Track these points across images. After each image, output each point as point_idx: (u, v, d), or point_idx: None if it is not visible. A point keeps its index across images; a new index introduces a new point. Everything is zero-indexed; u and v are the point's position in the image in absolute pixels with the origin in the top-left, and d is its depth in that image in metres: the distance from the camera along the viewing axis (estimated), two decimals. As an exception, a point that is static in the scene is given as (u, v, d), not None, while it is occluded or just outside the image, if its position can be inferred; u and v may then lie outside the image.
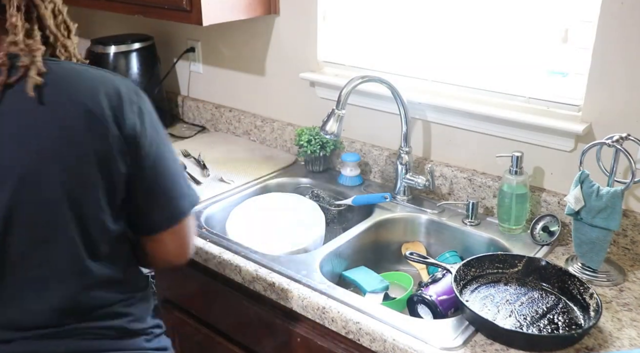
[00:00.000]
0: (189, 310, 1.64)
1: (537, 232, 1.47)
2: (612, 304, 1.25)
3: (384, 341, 1.16)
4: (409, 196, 1.69)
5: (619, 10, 1.32)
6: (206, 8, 1.72)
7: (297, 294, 1.30)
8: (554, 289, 1.27)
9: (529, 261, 1.32)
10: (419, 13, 1.69)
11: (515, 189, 1.48)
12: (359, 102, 1.79)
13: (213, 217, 1.65)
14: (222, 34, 2.13)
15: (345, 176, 1.81)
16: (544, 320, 1.18)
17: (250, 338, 1.49)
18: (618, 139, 1.29)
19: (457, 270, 1.27)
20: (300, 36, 1.91)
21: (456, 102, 1.60)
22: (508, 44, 1.55)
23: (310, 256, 1.43)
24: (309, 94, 1.94)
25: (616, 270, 1.35)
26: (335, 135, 1.52)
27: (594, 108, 1.42)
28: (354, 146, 1.86)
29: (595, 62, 1.38)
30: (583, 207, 1.30)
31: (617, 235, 1.42)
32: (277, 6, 1.93)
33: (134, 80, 2.19)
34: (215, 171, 1.87)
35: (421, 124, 1.72)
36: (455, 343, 1.13)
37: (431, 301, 1.25)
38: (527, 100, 1.51)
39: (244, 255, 1.43)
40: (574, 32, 1.45)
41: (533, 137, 1.51)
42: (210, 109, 2.27)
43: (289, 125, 2.02)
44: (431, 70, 1.68)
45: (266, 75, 2.07)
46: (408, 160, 1.67)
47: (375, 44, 1.80)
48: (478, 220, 1.57)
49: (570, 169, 1.45)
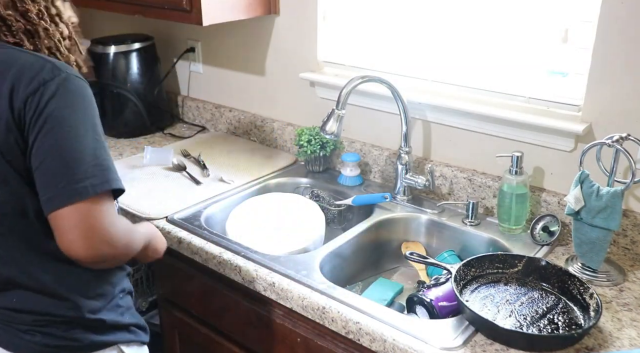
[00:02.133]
0: (189, 310, 1.64)
1: (537, 232, 1.47)
2: (612, 304, 1.25)
3: (384, 341, 1.16)
4: (409, 196, 1.69)
5: (619, 10, 1.32)
6: (206, 8, 1.72)
7: (297, 294, 1.30)
8: (554, 289, 1.27)
9: (529, 261, 1.32)
10: (419, 13, 1.69)
11: (515, 189, 1.48)
12: (359, 102, 1.79)
13: (213, 217, 1.65)
14: (222, 34, 2.13)
15: (345, 176, 1.81)
16: (544, 320, 1.18)
17: (250, 338, 1.49)
18: (618, 139, 1.29)
19: (457, 270, 1.27)
20: (300, 36, 1.91)
21: (456, 102, 1.60)
22: (508, 44, 1.55)
23: (310, 256, 1.43)
24: (309, 94, 1.94)
25: (616, 270, 1.35)
26: (335, 135, 1.52)
27: (594, 108, 1.42)
28: (354, 146, 1.86)
29: (595, 62, 1.38)
30: (583, 207, 1.30)
31: (617, 235, 1.42)
32: (277, 6, 1.93)
33: (134, 80, 2.20)
34: (215, 171, 1.87)
35: (421, 124, 1.72)
36: (455, 343, 1.13)
37: (430, 304, 1.25)
38: (527, 100, 1.51)
39: (244, 255, 1.43)
40: (574, 32, 1.45)
41: (533, 137, 1.51)
42: (210, 109, 2.27)
43: (289, 125, 2.02)
44: (431, 70, 1.68)
45: (266, 75, 2.07)
46: (408, 160, 1.66)
47: (375, 44, 1.80)
48: (478, 220, 1.57)
49: (570, 168, 1.45)
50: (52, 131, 1.00)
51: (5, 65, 1.04)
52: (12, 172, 1.03)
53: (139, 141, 2.19)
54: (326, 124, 1.52)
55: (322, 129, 1.53)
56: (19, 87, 1.01)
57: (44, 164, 1.00)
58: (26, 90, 1.01)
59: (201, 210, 1.63)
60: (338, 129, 1.52)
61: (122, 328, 1.19)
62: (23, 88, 1.01)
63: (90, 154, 1.02)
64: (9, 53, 1.07)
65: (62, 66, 1.06)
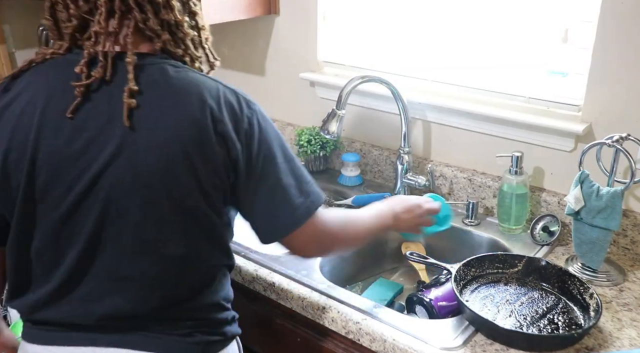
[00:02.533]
0: (189, 310, 1.63)
1: (537, 232, 1.47)
2: (612, 304, 1.25)
3: (384, 341, 1.16)
4: (409, 196, 1.69)
5: (619, 10, 1.32)
6: (206, 8, 1.71)
7: (297, 294, 1.30)
8: (554, 289, 1.27)
9: (529, 261, 1.32)
10: (419, 13, 1.69)
11: (515, 189, 1.48)
12: (359, 102, 1.79)
13: (213, 217, 1.65)
14: (222, 34, 2.13)
15: (345, 176, 1.81)
16: (544, 320, 1.18)
17: (250, 338, 1.48)
18: (618, 139, 1.29)
19: (457, 270, 1.27)
20: (300, 36, 1.91)
21: (456, 102, 1.60)
22: (508, 44, 1.55)
23: (310, 256, 1.43)
24: (309, 94, 1.94)
25: (616, 270, 1.35)
26: (335, 135, 1.52)
27: (594, 108, 1.42)
28: (354, 146, 1.86)
29: (595, 62, 1.38)
30: (583, 207, 1.30)
31: (617, 235, 1.42)
32: (277, 6, 1.92)
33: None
34: (215, 171, 1.87)
35: (421, 124, 1.72)
36: (455, 343, 1.13)
37: (429, 304, 1.25)
38: (527, 100, 1.51)
39: (244, 255, 1.43)
40: (574, 32, 1.45)
41: (533, 137, 1.51)
42: (210, 109, 2.27)
43: (289, 125, 2.02)
44: (431, 70, 1.68)
45: (266, 75, 2.07)
46: (408, 160, 1.66)
47: (375, 44, 1.80)
48: (478, 220, 1.57)
49: (570, 168, 1.44)
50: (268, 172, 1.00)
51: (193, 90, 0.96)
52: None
53: (139, 141, 2.19)
54: (326, 124, 1.52)
55: (322, 129, 1.53)
56: (227, 124, 0.96)
57: (272, 196, 1.01)
58: (237, 128, 0.97)
59: (201, 210, 1.63)
60: (338, 129, 1.52)
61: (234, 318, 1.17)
62: (232, 126, 0.96)
63: (305, 173, 1.05)
64: (190, 78, 0.98)
65: (245, 96, 1.03)
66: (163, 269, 1.00)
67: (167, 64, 0.97)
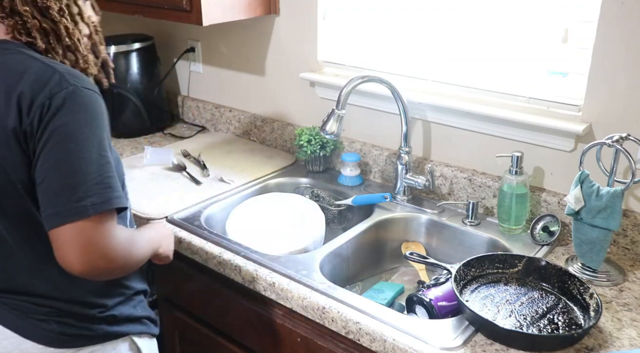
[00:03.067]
0: (189, 310, 1.64)
1: (537, 232, 1.47)
2: (612, 304, 1.25)
3: (384, 341, 1.16)
4: (409, 196, 1.69)
5: (619, 10, 1.32)
6: (206, 8, 1.72)
7: (297, 294, 1.30)
8: (554, 289, 1.27)
9: (529, 261, 1.32)
10: (419, 13, 1.69)
11: (515, 189, 1.48)
12: (359, 102, 1.79)
13: (213, 217, 1.65)
14: (222, 34, 2.13)
15: (345, 176, 1.81)
16: (544, 320, 1.18)
17: (250, 338, 1.49)
18: (618, 139, 1.29)
19: (457, 270, 1.27)
20: (300, 36, 1.91)
21: (456, 102, 1.60)
22: (508, 44, 1.55)
23: (310, 256, 1.43)
24: (309, 94, 1.94)
25: (616, 270, 1.35)
26: (335, 135, 1.52)
27: (594, 108, 1.42)
28: (354, 146, 1.86)
29: (595, 62, 1.38)
30: (583, 207, 1.30)
31: (617, 235, 1.42)
32: (277, 6, 1.93)
33: (135, 80, 2.20)
34: (215, 171, 1.87)
35: (421, 124, 1.72)
36: (455, 343, 1.13)
37: (429, 304, 1.25)
38: (527, 100, 1.51)
39: (244, 255, 1.43)
40: (574, 32, 1.45)
41: (533, 137, 1.51)
42: (210, 109, 2.27)
43: (289, 125, 2.02)
44: (431, 70, 1.68)
45: (266, 75, 2.07)
46: (408, 160, 1.66)
47: (375, 44, 1.80)
48: (478, 220, 1.57)
49: (570, 169, 1.45)
50: (56, 147, 0.99)
51: (14, 73, 1.03)
52: (14, 185, 1.04)
53: (139, 141, 2.19)
54: (326, 124, 1.52)
55: (322, 129, 1.53)
56: (27, 97, 1.00)
57: (47, 180, 1.00)
58: (34, 102, 1.00)
59: (201, 210, 1.63)
60: (338, 129, 1.52)
61: (135, 321, 1.21)
62: (31, 99, 1.00)
63: (93, 172, 1.01)
64: (20, 60, 1.05)
65: (70, 77, 1.04)
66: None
67: (8, 50, 1.06)
